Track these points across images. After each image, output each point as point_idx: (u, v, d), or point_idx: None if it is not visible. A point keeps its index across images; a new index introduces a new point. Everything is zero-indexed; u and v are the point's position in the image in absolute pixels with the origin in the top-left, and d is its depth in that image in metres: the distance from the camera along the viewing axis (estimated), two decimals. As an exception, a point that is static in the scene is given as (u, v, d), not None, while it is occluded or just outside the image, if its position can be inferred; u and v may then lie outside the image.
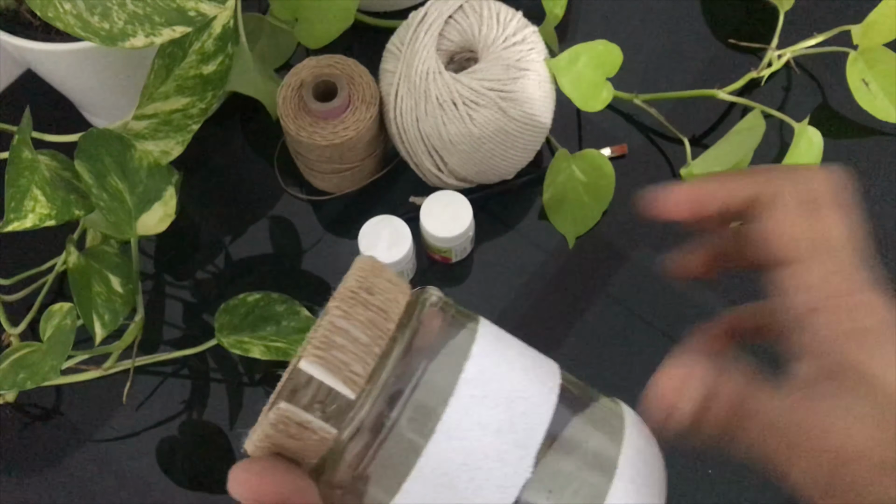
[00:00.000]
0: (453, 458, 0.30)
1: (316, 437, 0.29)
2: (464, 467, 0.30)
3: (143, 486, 0.61)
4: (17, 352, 0.56)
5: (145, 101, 0.60)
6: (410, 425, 0.30)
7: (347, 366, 0.29)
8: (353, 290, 0.31)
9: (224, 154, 0.72)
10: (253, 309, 0.61)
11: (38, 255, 0.67)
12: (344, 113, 0.63)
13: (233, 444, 0.62)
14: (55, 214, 0.53)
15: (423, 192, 0.65)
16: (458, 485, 0.30)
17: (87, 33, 0.50)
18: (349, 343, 0.30)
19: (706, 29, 0.75)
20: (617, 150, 0.70)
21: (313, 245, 0.68)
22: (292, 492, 0.30)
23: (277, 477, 0.30)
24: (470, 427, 0.31)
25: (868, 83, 0.67)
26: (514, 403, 0.31)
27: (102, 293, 0.57)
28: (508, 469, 0.31)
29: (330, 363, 0.29)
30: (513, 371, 0.32)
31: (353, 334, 0.30)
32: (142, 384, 0.64)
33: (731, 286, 0.66)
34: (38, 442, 0.63)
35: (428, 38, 0.62)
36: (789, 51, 0.70)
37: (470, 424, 0.31)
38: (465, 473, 0.30)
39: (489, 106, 0.61)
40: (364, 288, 0.31)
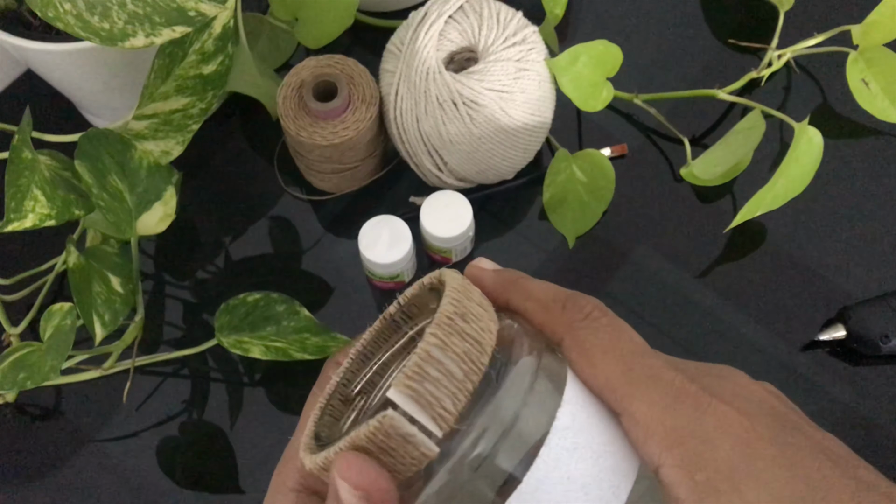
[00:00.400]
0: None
1: (413, 454, 0.28)
2: None
3: (143, 485, 0.61)
4: (17, 352, 0.56)
5: (145, 101, 0.60)
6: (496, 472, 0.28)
7: (439, 401, 0.28)
8: (450, 317, 0.28)
9: (224, 154, 0.72)
10: (253, 309, 0.61)
11: (38, 255, 0.67)
12: (344, 113, 0.63)
13: (233, 444, 0.62)
14: (55, 214, 0.53)
15: (423, 192, 0.65)
16: None
17: (87, 33, 0.50)
18: (443, 377, 0.28)
19: (706, 29, 0.75)
20: (617, 150, 0.70)
21: (313, 245, 0.68)
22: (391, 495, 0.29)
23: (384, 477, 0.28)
24: (558, 481, 0.29)
25: (868, 83, 0.67)
26: (602, 459, 0.30)
27: (102, 293, 0.57)
28: None
29: (421, 397, 0.27)
30: (602, 426, 0.30)
31: (448, 367, 0.28)
32: (142, 384, 0.64)
33: (730, 285, 0.66)
34: (39, 442, 0.63)
35: (428, 38, 0.62)
36: (789, 51, 0.70)
37: (558, 478, 0.29)
38: None
39: (489, 106, 0.61)
40: (459, 314, 0.29)
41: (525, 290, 0.33)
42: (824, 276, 0.66)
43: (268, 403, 0.63)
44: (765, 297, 0.65)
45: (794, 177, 0.61)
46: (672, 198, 0.69)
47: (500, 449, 0.28)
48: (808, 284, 0.66)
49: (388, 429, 0.27)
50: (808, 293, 0.66)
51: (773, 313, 0.65)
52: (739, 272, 0.67)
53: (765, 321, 0.65)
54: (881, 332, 0.62)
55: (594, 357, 0.31)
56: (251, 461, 0.62)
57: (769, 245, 0.67)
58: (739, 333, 0.64)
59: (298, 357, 0.60)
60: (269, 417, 0.63)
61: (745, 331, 0.65)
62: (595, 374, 0.31)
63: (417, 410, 0.27)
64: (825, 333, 0.63)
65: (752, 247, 0.67)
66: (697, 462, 0.28)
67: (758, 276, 0.66)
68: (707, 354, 0.64)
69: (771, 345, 0.64)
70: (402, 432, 0.27)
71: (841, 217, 0.68)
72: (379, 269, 0.62)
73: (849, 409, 0.62)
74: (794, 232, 0.68)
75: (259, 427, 0.63)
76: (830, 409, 0.62)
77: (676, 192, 0.69)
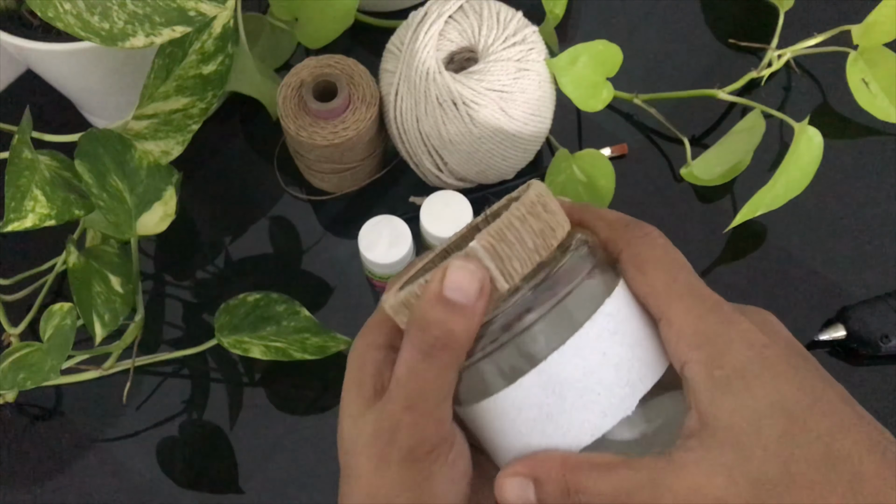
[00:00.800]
0: (572, 373, 0.35)
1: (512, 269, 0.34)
2: (578, 384, 0.35)
3: (143, 485, 0.61)
4: (17, 352, 0.56)
5: (145, 101, 0.60)
6: (545, 331, 0.35)
7: (510, 260, 0.34)
8: (533, 202, 0.35)
9: (224, 154, 0.72)
10: (253, 309, 0.61)
11: (38, 255, 0.67)
12: (344, 113, 0.63)
13: (233, 444, 0.62)
14: (55, 214, 0.53)
15: (423, 192, 0.65)
16: (567, 396, 0.35)
17: (87, 33, 0.50)
18: (517, 243, 0.34)
19: (706, 29, 0.75)
20: (617, 150, 0.70)
21: (313, 245, 0.68)
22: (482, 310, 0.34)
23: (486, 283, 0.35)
24: (595, 352, 0.35)
25: (868, 83, 0.67)
26: (635, 349, 0.35)
27: (102, 293, 0.57)
28: (615, 401, 0.35)
29: (496, 253, 0.34)
30: (641, 326, 0.36)
31: (523, 237, 0.34)
32: (142, 384, 0.64)
33: (730, 285, 0.66)
34: (39, 442, 0.63)
35: (428, 38, 0.62)
36: (789, 51, 0.70)
37: (596, 350, 0.35)
38: (576, 390, 0.35)
39: (489, 106, 0.61)
40: (541, 203, 0.35)
41: (596, 212, 0.38)
42: (824, 276, 0.66)
43: (268, 403, 0.63)
44: (765, 297, 0.65)
45: (793, 177, 0.61)
46: (672, 198, 0.69)
47: (548, 317, 0.34)
48: (808, 284, 0.66)
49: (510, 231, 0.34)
50: (808, 293, 0.66)
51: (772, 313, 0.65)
52: (739, 272, 0.67)
53: (765, 321, 0.65)
54: (881, 332, 0.62)
55: (645, 266, 0.36)
56: (251, 461, 0.62)
57: (769, 245, 0.67)
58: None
59: (298, 357, 0.60)
60: (269, 417, 0.63)
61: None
62: (644, 281, 0.36)
63: (491, 263, 0.34)
64: (825, 333, 0.63)
65: (752, 247, 0.67)
66: (717, 361, 0.33)
67: (758, 276, 0.66)
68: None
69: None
70: (515, 237, 0.34)
71: (841, 217, 0.68)
72: (379, 269, 0.62)
73: (849, 409, 0.62)
74: (794, 232, 0.68)
75: (259, 427, 0.63)
76: (830, 409, 0.62)
77: (676, 192, 0.69)
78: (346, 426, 0.39)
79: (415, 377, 0.35)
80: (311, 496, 0.61)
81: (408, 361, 0.36)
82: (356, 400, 0.39)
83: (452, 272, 0.35)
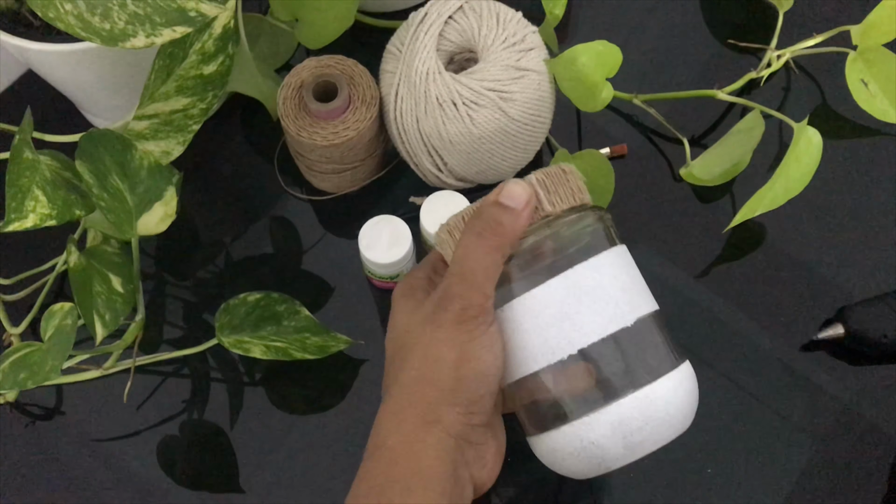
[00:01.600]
0: (589, 283, 0.46)
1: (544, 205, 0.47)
2: (592, 292, 0.46)
3: (143, 485, 0.61)
4: (17, 351, 0.56)
5: (146, 101, 0.60)
6: (574, 250, 0.46)
7: (555, 194, 0.47)
8: (572, 169, 0.48)
9: (224, 154, 0.72)
10: (253, 309, 0.61)
11: (38, 255, 0.67)
12: (344, 113, 0.63)
13: (233, 443, 0.62)
14: (56, 214, 0.53)
15: (423, 192, 0.65)
16: (583, 300, 0.46)
17: (88, 34, 0.50)
18: (561, 185, 0.48)
19: (706, 29, 0.76)
20: (617, 150, 0.70)
21: (313, 245, 0.68)
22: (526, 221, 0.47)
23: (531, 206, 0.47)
24: (607, 273, 0.46)
25: (867, 83, 0.67)
26: (636, 284, 0.48)
27: (103, 293, 0.57)
28: (619, 312, 0.46)
29: (545, 185, 0.47)
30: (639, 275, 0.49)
31: (566, 182, 0.48)
32: (142, 384, 0.64)
33: (730, 285, 0.66)
34: (39, 441, 0.63)
35: (428, 38, 0.62)
36: (789, 51, 0.70)
37: (608, 272, 0.47)
38: (590, 297, 0.46)
39: (489, 106, 0.61)
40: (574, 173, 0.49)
41: None
42: (824, 276, 0.66)
43: (268, 403, 0.63)
44: (764, 297, 0.66)
45: (793, 177, 0.61)
46: (672, 198, 0.69)
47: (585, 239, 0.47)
48: (808, 284, 0.66)
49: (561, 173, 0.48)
50: (808, 293, 0.66)
51: (772, 313, 0.65)
52: (739, 272, 0.67)
53: (764, 321, 0.65)
54: (880, 331, 0.62)
55: None
56: (251, 461, 0.62)
57: (769, 245, 0.67)
58: (739, 333, 0.64)
59: (299, 357, 0.60)
60: (269, 417, 0.63)
61: (744, 330, 0.65)
62: None
63: (541, 190, 0.47)
64: (824, 333, 0.63)
65: (751, 247, 0.67)
66: None
67: (757, 276, 0.67)
68: (707, 354, 0.64)
69: (770, 344, 0.64)
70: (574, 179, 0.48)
71: (840, 217, 0.68)
72: (379, 269, 0.63)
73: (848, 409, 0.62)
74: (793, 232, 0.68)
75: (259, 427, 0.63)
76: (830, 409, 0.62)
77: (676, 192, 0.69)
78: (399, 320, 0.49)
79: (468, 254, 0.46)
80: (311, 496, 0.61)
81: (464, 243, 0.46)
82: (409, 303, 0.49)
83: (508, 185, 0.46)
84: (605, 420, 0.45)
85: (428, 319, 0.46)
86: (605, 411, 0.45)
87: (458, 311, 0.45)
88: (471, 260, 0.46)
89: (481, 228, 0.46)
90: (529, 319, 0.46)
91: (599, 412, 0.45)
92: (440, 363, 0.45)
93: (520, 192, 0.46)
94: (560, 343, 0.45)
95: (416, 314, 0.48)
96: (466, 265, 0.46)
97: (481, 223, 0.46)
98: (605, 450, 0.45)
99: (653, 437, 0.45)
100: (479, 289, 0.45)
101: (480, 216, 0.46)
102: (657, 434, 0.45)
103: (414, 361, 0.46)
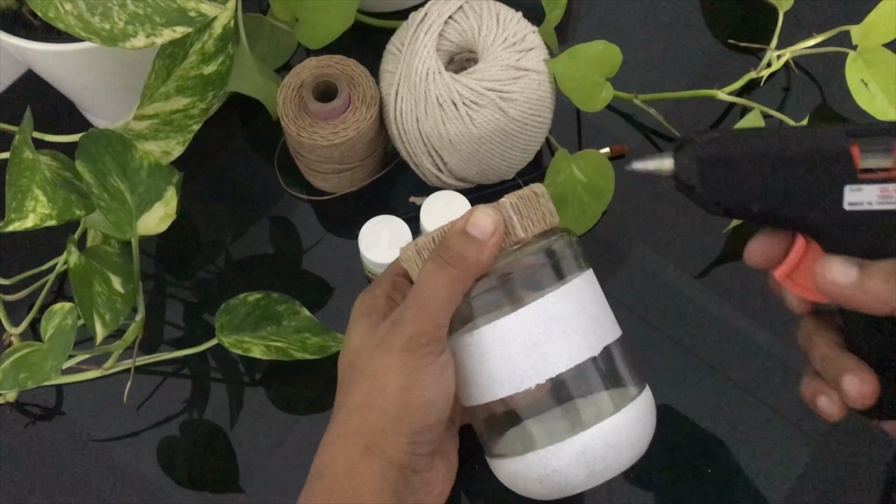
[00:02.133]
0: (559, 311, 0.46)
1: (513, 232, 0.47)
2: (562, 321, 0.46)
3: (143, 485, 0.61)
4: (18, 351, 0.56)
5: (146, 101, 0.60)
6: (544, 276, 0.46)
7: (528, 218, 0.47)
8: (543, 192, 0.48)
9: (225, 154, 0.72)
10: (253, 309, 0.61)
11: (38, 255, 0.67)
12: (344, 113, 0.63)
13: (233, 443, 0.62)
14: (56, 214, 0.53)
15: (423, 192, 0.65)
16: (553, 329, 0.45)
17: (88, 34, 0.50)
18: (533, 209, 0.47)
19: (706, 29, 0.76)
20: (617, 149, 0.70)
21: (313, 245, 0.68)
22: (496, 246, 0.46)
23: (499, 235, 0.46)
24: (576, 301, 0.46)
25: (867, 83, 0.67)
26: (603, 308, 0.48)
27: (103, 293, 0.57)
28: (587, 341, 0.46)
29: (518, 209, 0.46)
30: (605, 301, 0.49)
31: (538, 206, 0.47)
32: (142, 384, 0.64)
33: (730, 285, 0.66)
34: (39, 441, 0.63)
35: (428, 38, 0.62)
36: (789, 51, 0.70)
37: (577, 300, 0.47)
38: (560, 325, 0.46)
39: (489, 106, 0.61)
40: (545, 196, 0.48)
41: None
42: (824, 276, 0.66)
43: (268, 403, 0.63)
44: (764, 297, 0.66)
45: (793, 177, 0.61)
46: (671, 198, 0.69)
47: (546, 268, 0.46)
48: (808, 284, 0.66)
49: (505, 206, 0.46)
50: (808, 293, 0.66)
51: (772, 313, 0.65)
52: (739, 272, 0.67)
53: (764, 321, 0.65)
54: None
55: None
56: (251, 461, 0.62)
57: (768, 245, 0.67)
58: (739, 333, 0.65)
59: (299, 357, 0.60)
60: (269, 417, 0.63)
61: (744, 330, 0.65)
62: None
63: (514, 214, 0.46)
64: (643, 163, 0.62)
65: (751, 247, 0.67)
66: None
67: (757, 276, 0.66)
68: (707, 354, 0.64)
69: (770, 344, 0.64)
70: (507, 215, 0.46)
71: (840, 217, 0.68)
72: (379, 269, 0.63)
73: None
74: (793, 232, 0.68)
75: (259, 427, 0.63)
76: (830, 409, 0.62)
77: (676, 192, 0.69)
78: (353, 340, 0.48)
79: (428, 282, 0.45)
80: (311, 496, 0.61)
81: (426, 269, 0.45)
82: (365, 323, 0.48)
83: (475, 214, 0.45)
84: (570, 449, 0.45)
85: (379, 343, 0.46)
86: (570, 441, 0.45)
87: (407, 338, 0.45)
88: (429, 288, 0.45)
89: (446, 258, 0.45)
90: (498, 346, 0.46)
91: (564, 442, 0.45)
92: (386, 390, 0.45)
93: (486, 222, 0.45)
94: (528, 373, 0.46)
95: (369, 336, 0.47)
96: (424, 293, 0.45)
97: (446, 252, 0.45)
98: (568, 477, 0.46)
99: (615, 463, 0.46)
100: (433, 318, 0.45)
101: (446, 245, 0.45)
102: (619, 461, 0.46)
103: (362, 385, 0.46)
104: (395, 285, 0.51)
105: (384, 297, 0.50)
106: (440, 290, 0.45)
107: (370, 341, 0.47)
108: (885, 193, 0.42)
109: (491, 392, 0.47)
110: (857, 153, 0.41)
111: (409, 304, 0.46)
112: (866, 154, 0.42)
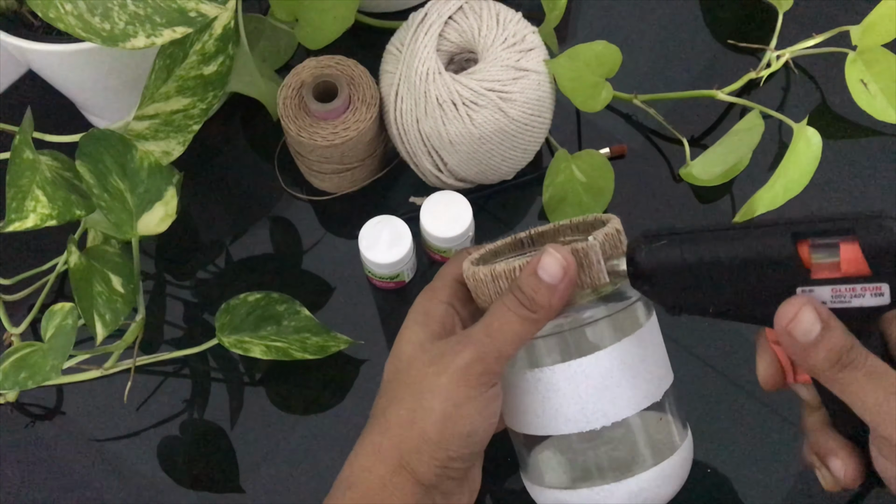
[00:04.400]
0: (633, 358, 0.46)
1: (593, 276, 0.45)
2: (634, 367, 0.46)
3: (143, 485, 0.61)
4: (18, 351, 0.56)
5: (146, 101, 0.60)
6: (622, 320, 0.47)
7: (611, 258, 0.45)
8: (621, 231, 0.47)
9: (225, 154, 0.72)
10: (254, 309, 0.61)
11: (39, 255, 0.67)
12: (344, 113, 0.63)
13: (233, 443, 0.62)
14: (56, 214, 0.53)
15: (423, 192, 0.65)
16: (625, 374, 0.46)
17: (88, 34, 0.50)
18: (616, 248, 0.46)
19: (706, 29, 0.76)
20: (616, 150, 0.70)
21: (313, 245, 0.68)
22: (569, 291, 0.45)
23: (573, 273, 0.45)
24: (649, 348, 0.47)
25: (867, 84, 0.67)
26: (664, 358, 0.49)
27: (103, 293, 0.57)
28: (651, 388, 0.47)
29: (605, 249, 0.45)
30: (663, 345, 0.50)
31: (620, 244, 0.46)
32: (142, 384, 0.64)
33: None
34: (39, 441, 0.63)
35: (428, 38, 0.62)
36: (788, 51, 0.70)
37: (649, 346, 0.48)
38: (632, 371, 0.46)
39: (489, 106, 0.61)
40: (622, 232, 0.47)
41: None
42: (823, 276, 0.66)
43: (268, 403, 0.63)
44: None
45: (792, 177, 0.61)
46: (671, 198, 0.69)
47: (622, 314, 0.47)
48: (807, 284, 0.66)
49: (588, 249, 0.45)
50: (807, 293, 0.66)
51: (772, 313, 0.65)
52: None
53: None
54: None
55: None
56: (251, 461, 0.62)
57: (768, 245, 0.67)
58: (739, 333, 0.64)
59: (299, 357, 0.60)
60: (269, 417, 0.63)
61: (744, 330, 0.65)
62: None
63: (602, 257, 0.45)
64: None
65: (751, 247, 0.67)
66: None
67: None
68: (707, 354, 0.64)
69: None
70: (596, 257, 0.45)
71: (840, 217, 0.68)
72: (379, 269, 0.63)
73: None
74: (793, 232, 0.68)
75: (259, 427, 0.63)
76: (829, 409, 0.62)
77: (675, 193, 0.69)
78: (406, 348, 0.47)
79: (500, 315, 0.45)
80: (311, 496, 0.61)
81: (503, 303, 0.45)
82: (421, 332, 0.47)
83: (545, 257, 0.44)
84: (625, 490, 0.47)
85: (433, 361, 0.45)
86: (626, 483, 0.47)
87: (466, 363, 0.44)
88: (501, 320, 0.45)
89: (519, 298, 0.45)
90: (568, 385, 0.46)
91: (621, 482, 0.46)
92: (430, 414, 0.45)
93: (555, 266, 0.44)
94: (596, 415, 0.46)
95: (422, 350, 0.47)
96: (495, 323, 0.45)
97: (519, 293, 0.45)
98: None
99: (657, 501, 0.48)
100: (498, 350, 0.45)
101: (520, 285, 0.45)
102: (661, 499, 0.48)
103: (407, 401, 0.46)
104: (455, 293, 0.50)
105: (444, 304, 0.49)
106: (513, 325, 0.45)
107: (424, 355, 0.46)
108: (837, 293, 0.42)
109: (555, 427, 0.47)
110: (805, 254, 0.42)
111: (478, 329, 0.45)
112: (816, 254, 0.42)
